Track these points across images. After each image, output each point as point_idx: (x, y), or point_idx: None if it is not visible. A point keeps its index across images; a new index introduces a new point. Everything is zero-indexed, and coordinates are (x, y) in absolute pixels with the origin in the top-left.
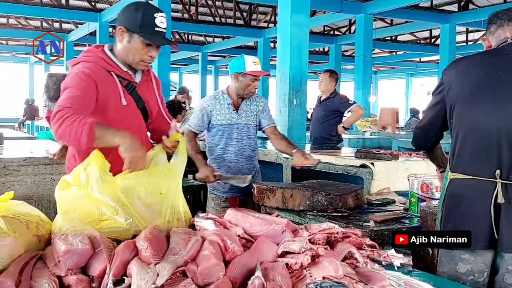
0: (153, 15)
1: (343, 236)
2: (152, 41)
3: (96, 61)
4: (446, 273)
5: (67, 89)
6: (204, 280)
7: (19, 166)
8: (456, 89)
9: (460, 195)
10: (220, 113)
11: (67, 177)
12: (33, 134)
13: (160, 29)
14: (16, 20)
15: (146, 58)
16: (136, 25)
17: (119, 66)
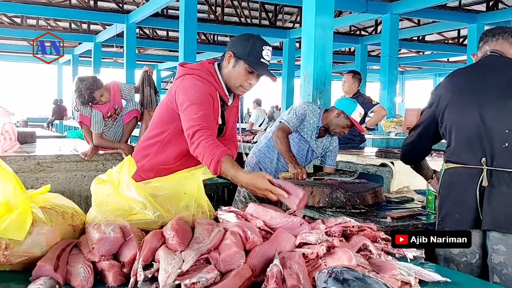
0: (262, 47)
1: (358, 229)
2: (256, 69)
3: (209, 79)
4: (442, 255)
5: (194, 106)
6: (226, 267)
7: (52, 163)
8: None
9: (452, 183)
10: (309, 128)
11: (102, 175)
12: (62, 134)
13: (265, 60)
14: (46, 22)
15: (246, 84)
16: (244, 53)
17: (223, 87)
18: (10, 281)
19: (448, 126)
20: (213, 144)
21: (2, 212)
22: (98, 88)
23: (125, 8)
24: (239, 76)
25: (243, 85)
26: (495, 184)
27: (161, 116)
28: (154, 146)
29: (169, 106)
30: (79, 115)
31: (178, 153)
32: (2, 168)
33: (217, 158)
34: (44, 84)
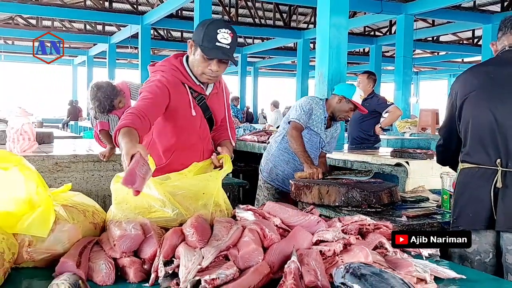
0: (216, 30)
1: (374, 227)
2: (208, 54)
3: (172, 72)
4: (457, 253)
5: (141, 94)
6: (245, 264)
7: (70, 163)
8: (460, 96)
9: (467, 182)
10: (318, 121)
11: (121, 174)
12: (79, 134)
13: (222, 44)
14: (60, 23)
15: (207, 71)
16: (199, 39)
17: (193, 79)
18: (33, 277)
19: (463, 125)
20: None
21: (25, 210)
22: (117, 95)
23: (139, 9)
24: (199, 63)
25: (205, 72)
26: (509, 185)
27: None
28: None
29: None
30: (98, 123)
31: (164, 149)
32: (25, 167)
33: (118, 127)
34: (59, 85)
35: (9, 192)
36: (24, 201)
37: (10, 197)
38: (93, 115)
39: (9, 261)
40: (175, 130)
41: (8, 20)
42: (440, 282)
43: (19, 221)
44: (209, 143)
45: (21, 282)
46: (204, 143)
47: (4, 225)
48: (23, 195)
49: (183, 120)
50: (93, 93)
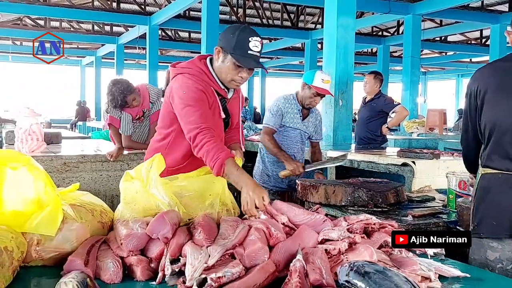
0: (248, 38)
1: (379, 226)
2: (242, 63)
3: (200, 75)
4: (477, 260)
5: (188, 107)
6: (251, 262)
7: (78, 163)
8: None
9: (488, 188)
10: (291, 117)
11: (130, 171)
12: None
13: (253, 52)
14: (69, 23)
15: (237, 78)
16: (230, 47)
17: (218, 82)
18: (42, 276)
19: (483, 126)
20: (216, 146)
21: (34, 209)
22: (131, 92)
23: (147, 10)
24: (229, 71)
25: (234, 79)
26: None
27: (164, 119)
28: (161, 149)
29: (167, 108)
30: (108, 116)
31: (184, 153)
32: (34, 166)
33: (220, 161)
34: (67, 86)
35: (18, 192)
36: (32, 201)
37: (19, 197)
38: (105, 109)
39: (18, 260)
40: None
41: (16, 21)
42: (445, 281)
43: (27, 220)
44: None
45: (30, 281)
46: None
47: (13, 224)
48: (31, 194)
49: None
50: (109, 87)
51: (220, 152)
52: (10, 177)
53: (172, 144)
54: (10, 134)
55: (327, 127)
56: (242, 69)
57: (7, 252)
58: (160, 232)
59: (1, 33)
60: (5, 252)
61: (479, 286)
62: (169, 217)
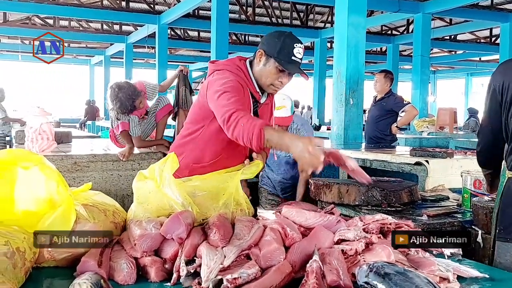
0: (293, 45)
1: (395, 226)
2: (286, 68)
3: (239, 74)
4: (503, 264)
5: (225, 93)
6: (266, 263)
7: (89, 162)
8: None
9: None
10: None
11: (144, 171)
12: (96, 134)
13: (296, 59)
14: (78, 23)
15: (277, 83)
16: (274, 51)
17: (254, 84)
18: (55, 277)
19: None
20: (251, 118)
21: (46, 209)
22: (138, 96)
23: (156, 9)
24: (270, 75)
25: (274, 83)
26: None
27: (195, 115)
28: (188, 144)
29: (201, 104)
30: (120, 124)
31: (212, 152)
32: (46, 166)
33: (258, 129)
34: (76, 85)
35: (30, 192)
36: (45, 201)
37: (31, 197)
38: (114, 116)
39: (31, 261)
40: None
41: (25, 20)
42: (463, 281)
43: (40, 220)
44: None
45: (43, 282)
46: (247, 149)
47: (25, 224)
48: (43, 194)
49: None
50: (114, 93)
51: (255, 121)
52: (22, 177)
53: (201, 140)
54: (20, 133)
55: (337, 126)
56: (283, 74)
57: (19, 253)
58: (174, 232)
59: (10, 32)
60: (17, 253)
61: (498, 287)
62: (184, 217)
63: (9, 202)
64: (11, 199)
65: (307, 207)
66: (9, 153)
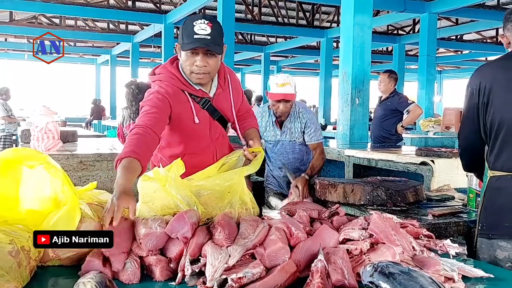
0: (192, 23)
1: (401, 226)
2: (189, 48)
3: (171, 81)
4: (486, 259)
5: (143, 108)
6: (271, 262)
7: (94, 161)
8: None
9: (498, 190)
10: (266, 130)
11: (148, 173)
12: (102, 133)
13: (200, 36)
14: (84, 22)
15: (194, 68)
16: (180, 38)
17: (191, 84)
18: (59, 276)
19: (490, 124)
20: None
21: (51, 208)
22: None
23: (162, 8)
24: (185, 63)
25: (192, 70)
26: None
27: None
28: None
29: None
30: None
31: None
32: (51, 165)
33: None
34: (82, 84)
35: (35, 190)
36: (49, 199)
37: (36, 195)
38: (128, 115)
39: (35, 260)
40: (182, 138)
41: (32, 19)
42: (468, 281)
43: (45, 219)
44: (224, 142)
45: (47, 281)
46: (217, 144)
47: (30, 223)
48: (48, 193)
49: (188, 128)
50: (133, 95)
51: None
52: (26, 176)
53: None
54: (26, 132)
55: (343, 125)
56: (196, 56)
57: (24, 252)
58: (179, 231)
59: (17, 31)
60: (22, 251)
61: (503, 286)
62: (189, 216)
63: (14, 201)
64: (16, 198)
65: (313, 206)
66: (15, 152)
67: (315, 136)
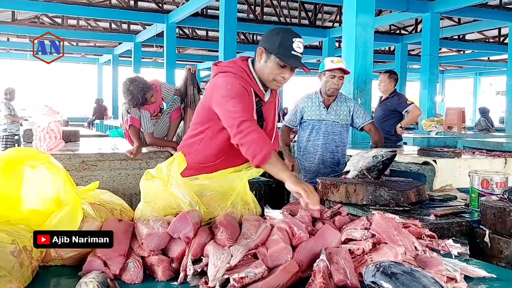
0: (292, 39)
1: (403, 226)
2: (287, 62)
3: (242, 75)
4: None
5: (232, 99)
6: (273, 262)
7: (96, 161)
8: None
9: None
10: (311, 110)
11: (151, 170)
12: (104, 133)
13: (296, 53)
14: (86, 22)
15: (279, 78)
16: (274, 47)
17: (258, 83)
18: (61, 276)
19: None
20: (264, 137)
21: (53, 208)
22: (149, 89)
23: (165, 8)
24: (272, 70)
25: (276, 79)
26: None
27: (200, 116)
28: (195, 145)
29: (205, 105)
30: (129, 118)
31: (217, 151)
32: (53, 165)
33: (267, 151)
34: (84, 84)
35: (37, 190)
36: (52, 199)
37: (38, 195)
38: (125, 109)
39: (37, 259)
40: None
41: (34, 19)
42: (470, 281)
43: (47, 219)
44: None
45: (49, 281)
46: None
47: (32, 223)
48: (50, 193)
49: None
50: (126, 86)
51: (267, 143)
52: (29, 175)
53: (207, 140)
54: (28, 132)
55: None
56: (285, 69)
57: (26, 252)
58: (181, 231)
59: (19, 31)
60: (24, 251)
61: (506, 286)
62: (191, 216)
63: (16, 200)
64: (18, 198)
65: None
66: (17, 151)
67: (367, 117)
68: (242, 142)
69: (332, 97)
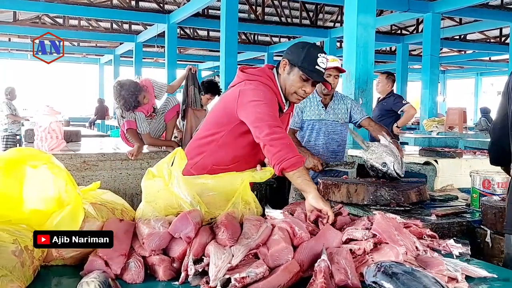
0: (317, 54)
1: (404, 226)
2: (310, 76)
3: (270, 84)
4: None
5: (264, 104)
6: (274, 262)
7: (98, 161)
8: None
9: None
10: (311, 109)
11: (152, 168)
12: (106, 133)
13: (320, 68)
14: (87, 22)
15: (300, 92)
16: (298, 60)
17: (281, 94)
18: (63, 275)
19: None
20: (295, 145)
21: (54, 208)
22: (140, 91)
23: (166, 8)
24: (294, 83)
25: (297, 92)
26: None
27: (218, 117)
28: (209, 145)
29: (227, 108)
30: (125, 122)
31: (234, 155)
32: (54, 165)
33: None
34: (86, 84)
35: (38, 190)
36: (53, 199)
37: (39, 195)
38: (119, 114)
39: (39, 259)
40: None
41: (35, 19)
42: (472, 281)
43: (48, 219)
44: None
45: (51, 280)
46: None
47: (33, 223)
48: (52, 193)
49: None
50: (117, 92)
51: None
52: (30, 175)
53: (223, 143)
54: (29, 132)
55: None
56: (307, 83)
57: (28, 252)
58: (182, 231)
59: (20, 31)
60: (26, 251)
61: (507, 286)
62: (192, 216)
63: (18, 200)
64: (19, 198)
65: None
66: (18, 151)
67: (364, 112)
68: (273, 143)
69: (329, 96)
